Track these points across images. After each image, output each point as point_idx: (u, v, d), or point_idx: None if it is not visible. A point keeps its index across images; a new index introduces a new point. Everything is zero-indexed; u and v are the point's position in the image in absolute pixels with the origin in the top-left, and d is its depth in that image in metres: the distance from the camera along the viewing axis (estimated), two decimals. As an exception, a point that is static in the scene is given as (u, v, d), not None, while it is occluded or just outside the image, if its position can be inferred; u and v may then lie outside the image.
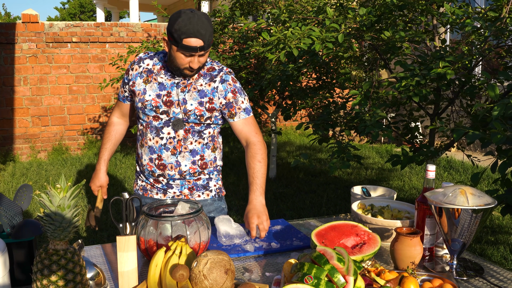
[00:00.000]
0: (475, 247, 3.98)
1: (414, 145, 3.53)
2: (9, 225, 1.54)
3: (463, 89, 3.11)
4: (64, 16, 24.69)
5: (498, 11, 2.94)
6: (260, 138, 2.08)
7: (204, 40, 1.86)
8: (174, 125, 2.00)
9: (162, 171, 2.05)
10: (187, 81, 2.01)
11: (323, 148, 7.86)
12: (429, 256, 1.70)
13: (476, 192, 1.56)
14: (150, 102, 2.01)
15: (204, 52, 1.89)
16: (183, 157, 2.03)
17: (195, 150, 2.05)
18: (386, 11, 3.23)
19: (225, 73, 2.05)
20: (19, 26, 7.40)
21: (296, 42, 3.04)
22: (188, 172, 2.05)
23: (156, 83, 2.02)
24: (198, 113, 2.00)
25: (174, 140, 2.02)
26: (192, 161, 2.05)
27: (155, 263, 1.42)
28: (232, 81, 2.05)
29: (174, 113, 2.00)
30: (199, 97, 2.00)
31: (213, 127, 2.08)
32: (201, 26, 1.85)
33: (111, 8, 17.60)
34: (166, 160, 2.03)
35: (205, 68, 2.04)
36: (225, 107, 2.03)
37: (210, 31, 1.87)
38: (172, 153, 2.02)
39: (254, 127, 2.09)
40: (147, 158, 2.06)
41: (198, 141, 2.05)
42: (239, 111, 2.05)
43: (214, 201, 2.16)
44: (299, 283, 1.26)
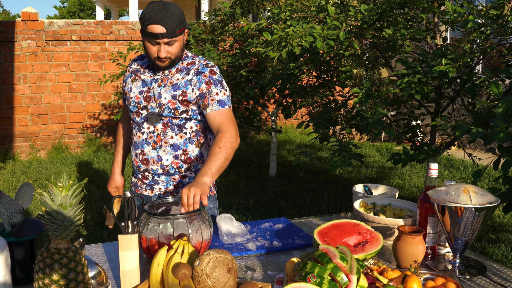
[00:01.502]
0: (476, 245, 3.98)
1: (415, 143, 3.53)
2: (9, 224, 1.53)
3: (465, 87, 3.10)
4: (63, 15, 24.66)
5: (500, 9, 2.93)
6: (230, 128, 1.95)
7: (166, 27, 1.88)
8: (149, 119, 2.04)
9: (146, 166, 2.09)
10: (165, 76, 2.05)
11: (324, 146, 7.85)
12: (432, 255, 1.70)
13: (479, 190, 1.55)
14: (133, 99, 2.08)
15: (169, 40, 1.91)
16: (164, 151, 2.05)
17: (177, 144, 2.05)
18: (387, 9, 3.22)
19: (202, 65, 2.03)
20: (18, 24, 7.38)
21: (298, 40, 3.04)
22: (170, 167, 2.06)
23: (140, 80, 2.09)
24: (172, 106, 2.00)
25: (154, 134, 2.05)
26: (174, 155, 2.06)
27: (157, 261, 1.41)
28: (209, 73, 2.01)
29: (152, 107, 2.04)
30: (172, 90, 2.01)
31: (195, 122, 2.06)
32: (164, 13, 1.88)
33: (110, 6, 17.58)
34: (148, 155, 2.07)
35: (184, 63, 2.05)
36: (199, 99, 2.00)
37: (175, 19, 1.88)
38: (153, 148, 2.06)
39: (227, 119, 1.97)
40: (134, 153, 2.13)
41: (180, 135, 2.05)
42: (212, 102, 1.98)
43: None
44: (302, 281, 1.26)
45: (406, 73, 2.72)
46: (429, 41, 3.57)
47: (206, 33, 6.30)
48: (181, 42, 1.97)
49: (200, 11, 13.62)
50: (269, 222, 2.06)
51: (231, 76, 5.76)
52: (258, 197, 5.43)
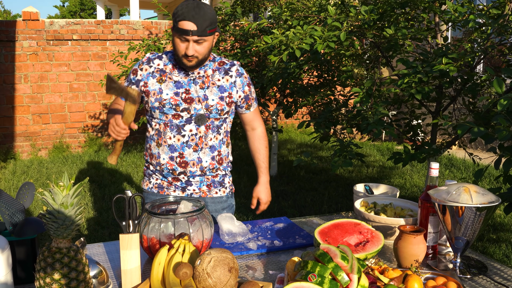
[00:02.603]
0: (477, 245, 3.98)
1: (415, 142, 3.53)
2: (10, 223, 1.53)
3: (465, 86, 3.10)
4: (64, 14, 24.66)
5: (501, 8, 2.93)
6: (262, 123, 2.29)
7: (198, 25, 1.88)
8: (198, 121, 2.04)
9: (184, 169, 2.07)
10: (203, 77, 2.05)
11: (324, 146, 7.85)
12: (433, 254, 1.70)
13: (480, 190, 1.55)
14: (168, 101, 2.02)
15: (198, 38, 1.91)
16: (204, 153, 2.08)
17: (214, 146, 2.10)
18: (388, 8, 3.22)
19: (238, 66, 2.14)
20: (19, 23, 7.38)
21: (298, 42, 3.04)
22: (208, 168, 2.10)
23: (172, 81, 2.05)
24: (220, 108, 2.05)
25: (196, 136, 2.06)
26: (212, 156, 2.10)
27: (158, 261, 1.42)
28: (246, 73, 2.17)
29: (195, 109, 2.03)
30: (220, 92, 2.06)
31: (227, 122, 2.16)
32: (197, 12, 1.88)
33: (111, 6, 17.58)
34: (188, 157, 2.06)
35: (216, 62, 2.10)
36: (244, 100, 2.14)
37: (207, 18, 1.89)
38: (194, 150, 2.06)
39: (260, 117, 2.27)
40: (167, 157, 2.07)
41: (216, 137, 2.11)
42: (253, 102, 2.20)
43: (228, 198, 2.23)
44: (302, 281, 1.26)
45: (407, 73, 2.72)
46: (430, 41, 3.57)
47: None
48: (210, 43, 1.98)
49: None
50: (270, 222, 2.06)
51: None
52: (259, 196, 5.42)
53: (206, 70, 2.07)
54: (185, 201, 1.72)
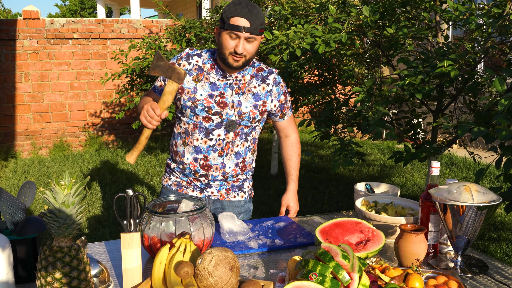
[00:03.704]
0: (478, 244, 3.98)
1: (416, 141, 3.53)
2: (11, 222, 1.54)
3: (466, 85, 3.10)
4: (64, 13, 24.65)
5: (501, 7, 2.93)
6: (297, 131, 2.28)
7: (251, 22, 1.86)
8: (228, 127, 2.01)
9: (206, 172, 2.05)
10: (240, 82, 2.02)
11: (325, 144, 7.85)
12: (433, 253, 1.70)
13: (481, 189, 1.55)
14: (201, 102, 1.99)
15: (250, 35, 1.88)
16: (228, 159, 2.06)
17: (240, 152, 2.08)
18: (389, 8, 3.22)
19: (276, 74, 2.10)
20: (20, 22, 7.38)
21: (299, 41, 3.03)
22: (230, 174, 2.08)
23: (208, 82, 2.00)
24: (252, 116, 2.03)
25: (223, 142, 2.03)
26: (236, 163, 2.09)
27: (159, 260, 1.42)
28: (283, 81, 2.13)
29: (227, 114, 2.00)
30: (254, 100, 2.03)
31: (257, 129, 2.13)
32: (251, 9, 1.87)
33: (111, 5, 17.58)
34: (212, 161, 2.04)
35: (254, 68, 2.07)
36: (278, 109, 2.12)
37: (259, 18, 1.88)
38: (219, 155, 2.04)
39: (295, 123, 2.25)
40: (191, 157, 2.05)
41: (243, 144, 2.08)
42: (288, 110, 2.17)
43: (246, 202, 2.21)
44: (304, 280, 1.26)
45: (408, 73, 2.72)
46: (431, 40, 3.57)
47: (208, 31, 6.30)
48: (258, 43, 1.95)
49: (202, 9, 13.61)
50: (271, 221, 2.06)
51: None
52: (260, 195, 5.43)
53: (244, 75, 2.03)
54: (186, 200, 1.73)
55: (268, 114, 2.14)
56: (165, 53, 5.52)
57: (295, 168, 2.26)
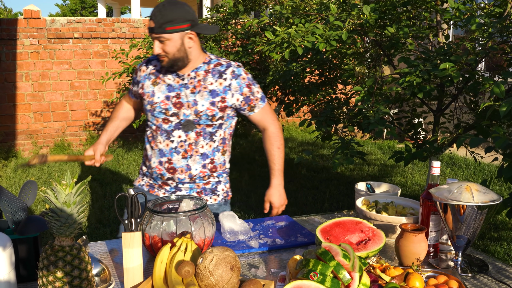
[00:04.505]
0: (479, 243, 3.98)
1: (417, 141, 3.53)
2: (13, 221, 1.54)
3: (467, 85, 3.10)
4: (65, 12, 24.65)
5: (503, 7, 2.93)
6: (277, 124, 2.16)
7: (155, 22, 1.85)
8: (185, 127, 1.98)
9: (172, 175, 2.03)
10: (195, 80, 1.99)
11: (326, 144, 7.85)
12: (434, 253, 1.70)
13: (482, 188, 1.55)
14: (159, 105, 1.99)
15: (156, 35, 1.87)
16: (193, 160, 2.02)
17: (206, 153, 2.04)
18: (390, 7, 3.22)
19: (235, 67, 2.03)
20: (20, 22, 7.39)
21: (300, 40, 3.03)
22: (198, 176, 2.05)
23: (165, 84, 2.01)
24: (210, 113, 1.98)
25: (185, 143, 2.00)
26: (203, 164, 2.04)
27: (160, 259, 1.42)
28: (245, 73, 2.04)
29: (184, 115, 1.98)
30: (211, 97, 1.98)
31: (225, 128, 2.07)
32: (160, 9, 1.86)
33: (112, 4, 17.57)
34: (177, 164, 2.02)
35: (211, 64, 2.02)
36: (244, 103, 2.04)
37: (167, 16, 1.84)
38: (183, 157, 2.01)
39: (271, 114, 2.14)
40: (157, 161, 2.05)
41: (209, 144, 2.04)
42: (257, 102, 2.07)
43: (220, 205, 2.18)
44: (304, 279, 1.26)
45: (409, 71, 2.72)
46: (432, 39, 3.57)
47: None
48: (175, 42, 1.89)
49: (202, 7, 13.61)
50: (271, 220, 2.07)
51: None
52: (260, 194, 5.43)
53: (198, 72, 2.00)
54: (186, 200, 1.73)
55: (236, 109, 2.07)
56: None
57: (275, 162, 2.16)
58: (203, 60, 2.02)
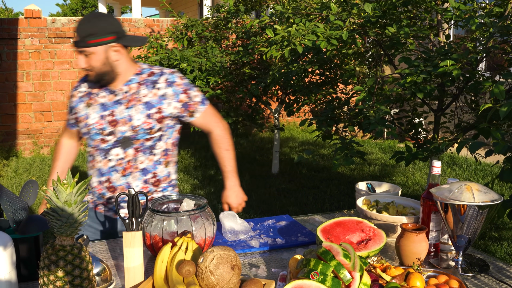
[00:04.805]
0: (479, 243, 3.98)
1: (417, 141, 3.53)
2: (14, 220, 1.54)
3: (467, 85, 3.10)
4: (65, 12, 24.66)
5: (503, 6, 2.93)
6: (222, 125, 2.08)
7: (78, 35, 1.79)
8: (122, 144, 1.91)
9: (112, 193, 1.97)
10: (128, 94, 1.91)
11: (326, 143, 7.85)
12: (435, 252, 1.70)
13: (482, 188, 1.55)
14: (94, 126, 1.93)
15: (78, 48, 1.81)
16: (133, 177, 1.95)
17: (146, 168, 1.96)
18: (390, 7, 3.22)
19: (168, 74, 1.95)
20: (21, 21, 7.39)
21: (301, 38, 3.03)
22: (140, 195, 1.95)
23: (99, 104, 1.94)
24: (147, 127, 1.90)
25: (123, 160, 1.94)
26: (144, 180, 1.97)
27: (161, 258, 1.42)
28: (180, 79, 1.96)
29: (121, 132, 1.91)
30: (146, 110, 1.90)
31: (166, 139, 1.99)
32: (83, 22, 1.81)
33: (112, 4, 17.59)
34: (116, 182, 1.96)
35: (143, 75, 1.95)
36: (183, 109, 1.96)
37: (90, 29, 1.78)
38: (122, 175, 1.95)
39: (214, 117, 2.06)
40: (96, 180, 1.99)
41: (150, 158, 1.96)
42: (197, 106, 1.98)
43: None
44: (305, 279, 1.26)
45: (410, 72, 2.72)
46: (432, 39, 3.57)
47: (209, 30, 6.31)
48: (99, 55, 1.82)
49: (203, 7, 13.61)
50: (272, 220, 2.07)
51: (234, 73, 5.77)
52: (261, 194, 5.43)
53: (130, 85, 1.92)
54: (187, 199, 1.73)
55: (176, 117, 1.98)
56: (166, 52, 5.53)
57: (227, 164, 2.09)
58: (135, 71, 1.94)
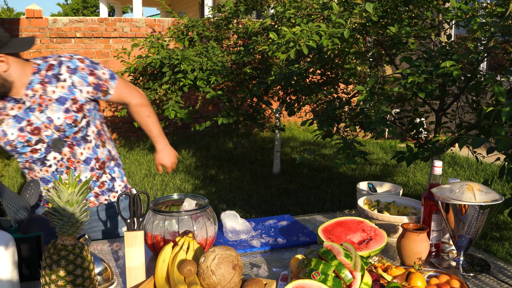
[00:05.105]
0: (480, 243, 3.98)
1: (419, 141, 3.53)
2: (15, 220, 1.54)
3: (469, 85, 3.10)
4: (67, 12, 24.69)
5: (504, 6, 2.92)
6: (137, 94, 2.06)
7: None
8: (55, 147, 1.87)
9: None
10: (36, 97, 1.83)
11: (327, 143, 7.85)
12: (436, 252, 1.70)
13: (484, 188, 1.55)
14: (18, 141, 1.85)
15: None
16: (80, 171, 1.93)
17: (88, 157, 1.94)
18: (392, 6, 3.22)
19: (67, 61, 1.86)
20: (23, 21, 7.40)
21: (306, 39, 3.03)
22: (92, 182, 1.97)
23: (11, 118, 1.85)
24: (70, 121, 1.85)
25: (63, 160, 1.90)
26: (90, 168, 1.95)
27: (162, 258, 1.42)
28: (81, 62, 1.88)
29: (48, 136, 1.85)
30: (62, 105, 1.84)
31: (93, 122, 1.95)
32: None
33: (114, 3, 17.60)
34: None
35: (42, 71, 1.85)
36: (96, 92, 1.90)
37: None
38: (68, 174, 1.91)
39: (127, 88, 2.02)
40: (44, 190, 1.93)
41: (87, 147, 1.94)
42: (108, 84, 1.93)
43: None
44: (306, 278, 1.27)
45: (411, 72, 2.72)
46: (434, 39, 3.57)
47: (210, 30, 6.31)
48: None
49: (204, 7, 13.62)
50: (273, 219, 2.07)
51: (235, 73, 5.77)
52: (262, 194, 5.43)
53: (34, 87, 1.82)
54: (189, 199, 1.73)
55: (93, 99, 1.92)
56: (168, 52, 5.53)
57: (153, 129, 2.10)
58: (31, 71, 1.84)
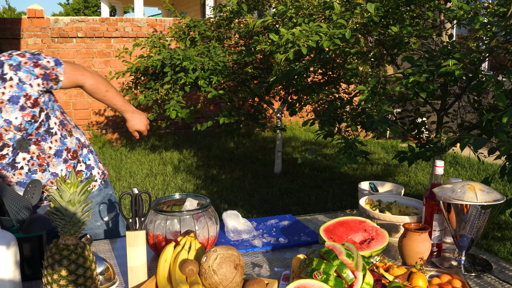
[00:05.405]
0: (482, 243, 3.97)
1: (420, 140, 3.52)
2: (16, 219, 1.55)
3: (470, 84, 3.10)
4: (68, 12, 24.70)
5: (506, 6, 2.92)
6: (88, 74, 1.99)
7: None
8: (21, 147, 1.83)
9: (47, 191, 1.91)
10: None
11: (329, 143, 7.85)
12: (437, 252, 1.70)
13: (485, 188, 1.55)
14: None
15: None
16: (53, 165, 1.91)
17: (58, 150, 1.92)
18: (393, 6, 3.21)
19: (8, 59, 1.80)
20: (24, 21, 7.41)
21: (305, 39, 3.03)
22: (68, 174, 1.94)
23: None
24: (29, 118, 1.81)
25: (33, 159, 1.88)
26: (63, 160, 1.94)
27: (164, 258, 1.42)
28: (22, 57, 1.82)
29: (10, 139, 1.82)
30: (15, 104, 1.79)
31: (52, 114, 1.92)
32: None
33: (115, 3, 17.61)
34: (43, 181, 1.91)
35: None
36: (46, 82, 1.84)
37: None
38: (43, 171, 1.90)
39: (76, 71, 1.95)
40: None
41: (54, 139, 1.91)
42: (56, 71, 1.87)
43: (101, 190, 2.09)
44: (308, 278, 1.27)
45: (412, 72, 2.72)
46: (435, 38, 3.56)
47: (212, 30, 6.31)
48: None
49: (205, 7, 13.62)
50: (275, 219, 2.07)
51: (236, 73, 5.77)
52: (263, 194, 5.44)
53: None
54: (190, 199, 1.73)
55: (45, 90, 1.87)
56: (169, 52, 5.54)
57: (116, 101, 2.07)
58: None
